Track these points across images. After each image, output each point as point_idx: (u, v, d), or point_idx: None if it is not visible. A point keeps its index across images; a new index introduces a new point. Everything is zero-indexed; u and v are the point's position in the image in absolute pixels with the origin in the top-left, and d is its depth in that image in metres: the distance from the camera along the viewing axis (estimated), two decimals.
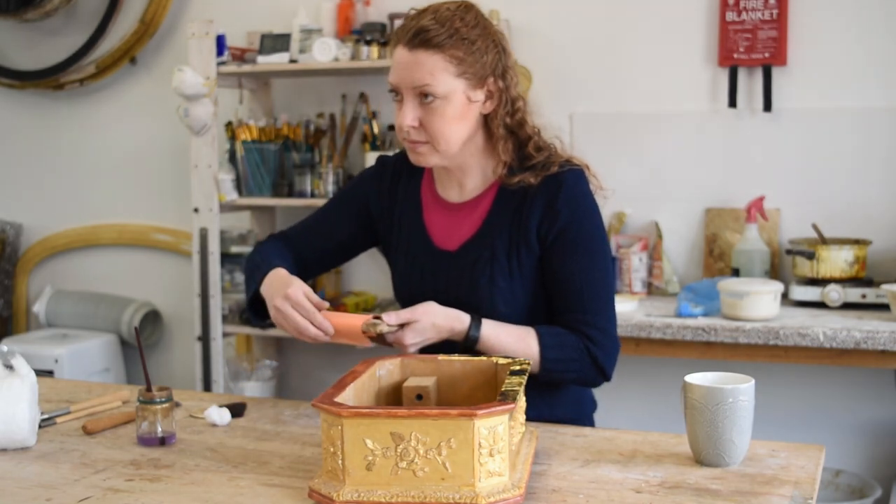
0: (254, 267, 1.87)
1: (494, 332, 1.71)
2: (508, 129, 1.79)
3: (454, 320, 1.70)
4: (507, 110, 1.77)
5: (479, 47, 1.71)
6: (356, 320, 1.68)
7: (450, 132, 1.72)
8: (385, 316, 1.65)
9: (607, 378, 1.79)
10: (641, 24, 3.32)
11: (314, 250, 1.97)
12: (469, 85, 1.72)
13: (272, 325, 1.82)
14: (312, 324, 1.68)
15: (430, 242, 1.85)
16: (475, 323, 1.70)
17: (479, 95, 1.74)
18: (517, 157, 1.80)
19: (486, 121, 1.79)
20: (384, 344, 1.70)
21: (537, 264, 1.79)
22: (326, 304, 1.71)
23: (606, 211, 3.34)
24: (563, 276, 1.77)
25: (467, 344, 1.71)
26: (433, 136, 1.73)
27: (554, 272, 1.78)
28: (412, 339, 1.66)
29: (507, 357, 1.57)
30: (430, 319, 1.67)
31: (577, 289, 1.76)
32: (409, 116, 1.72)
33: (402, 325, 1.66)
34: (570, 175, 1.77)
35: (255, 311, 1.87)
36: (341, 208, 1.97)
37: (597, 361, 1.76)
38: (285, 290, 1.69)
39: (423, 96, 1.70)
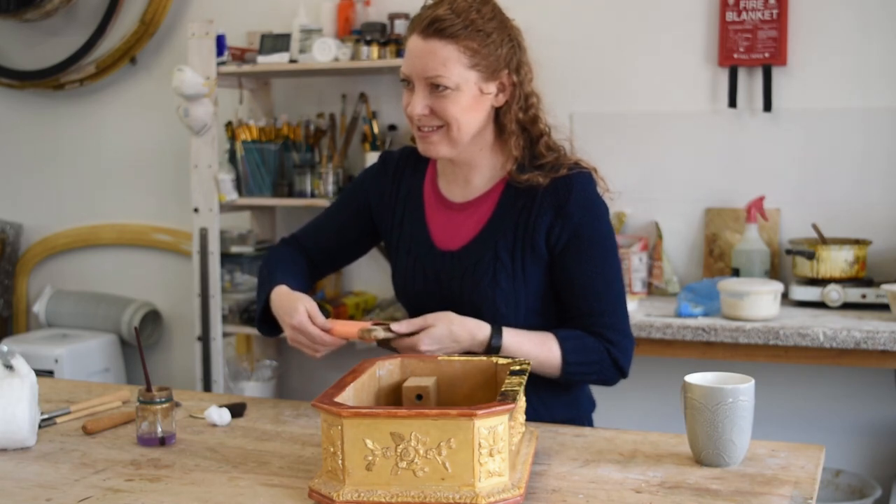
0: (260, 283, 1.90)
1: (516, 340, 1.71)
2: (521, 124, 1.78)
3: (474, 329, 1.69)
4: (520, 105, 1.77)
5: (494, 40, 1.72)
6: (354, 328, 1.68)
7: (462, 118, 1.72)
8: (395, 325, 1.65)
9: (625, 376, 1.81)
10: (641, 24, 3.32)
11: (323, 251, 1.98)
12: (481, 77, 1.71)
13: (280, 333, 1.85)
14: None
15: (432, 242, 1.84)
16: (496, 332, 1.70)
17: (492, 88, 1.74)
18: (527, 154, 1.80)
19: (498, 115, 1.78)
20: (392, 350, 1.69)
21: (544, 268, 1.78)
22: (329, 325, 1.72)
23: None
24: (579, 281, 1.76)
25: (489, 352, 1.69)
26: (446, 121, 1.72)
27: (568, 276, 1.77)
28: (428, 345, 1.65)
29: (507, 358, 1.57)
30: (447, 326, 1.66)
31: (593, 292, 1.76)
32: (419, 105, 1.72)
33: (414, 333, 1.66)
34: (579, 178, 1.77)
35: (264, 324, 1.87)
36: (346, 207, 1.97)
37: (617, 363, 1.77)
38: (290, 318, 1.72)
39: (435, 86, 1.70)
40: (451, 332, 1.66)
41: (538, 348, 1.72)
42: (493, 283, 1.76)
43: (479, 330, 1.69)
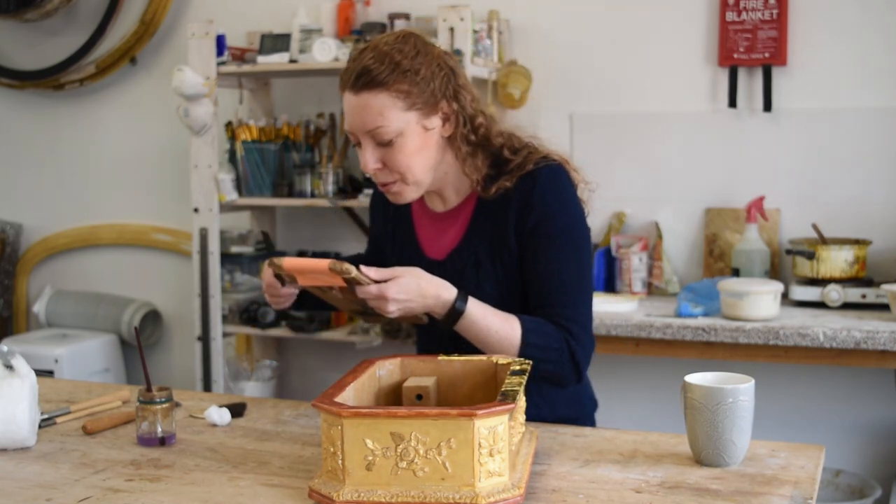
0: None
1: (480, 309, 1.67)
2: (474, 145, 1.77)
3: (441, 287, 1.65)
4: (467, 129, 1.75)
5: (424, 75, 1.68)
6: (323, 263, 1.61)
7: (414, 165, 1.71)
8: (365, 269, 1.60)
9: (580, 378, 1.76)
10: (641, 25, 3.32)
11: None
12: (421, 114, 1.70)
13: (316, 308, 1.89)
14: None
15: (421, 252, 1.86)
16: (462, 295, 1.66)
17: (435, 122, 1.72)
18: (494, 165, 1.79)
19: (451, 142, 1.76)
20: (358, 299, 1.63)
21: (520, 265, 1.78)
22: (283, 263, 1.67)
23: (606, 211, 3.35)
24: (539, 271, 1.74)
25: (453, 316, 1.66)
26: (400, 173, 1.72)
27: (529, 267, 1.75)
28: (395, 293, 1.60)
29: (502, 357, 1.57)
30: (416, 279, 1.62)
31: (554, 284, 1.73)
32: (370, 161, 1.71)
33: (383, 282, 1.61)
34: (545, 171, 1.75)
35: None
36: (371, 242, 2.04)
37: (575, 356, 1.72)
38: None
39: (379, 138, 1.69)
40: (419, 285, 1.62)
41: (500, 323, 1.68)
42: (479, 290, 1.76)
43: (445, 290, 1.65)
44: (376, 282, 1.61)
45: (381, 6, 3.53)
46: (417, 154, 1.71)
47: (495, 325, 1.68)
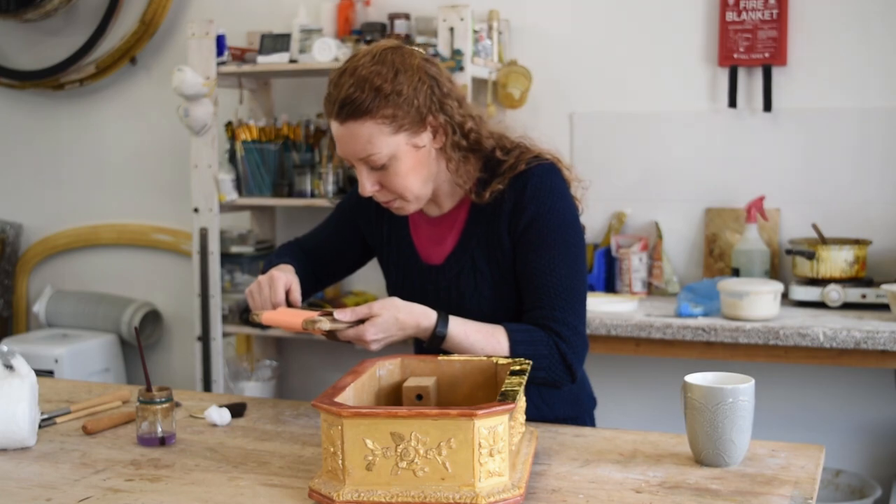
0: (266, 266, 1.91)
1: (463, 330, 1.67)
2: (465, 150, 1.76)
3: (420, 316, 1.65)
4: (457, 136, 1.74)
5: (407, 95, 1.66)
6: (298, 318, 1.64)
7: (411, 184, 1.71)
8: (338, 313, 1.62)
9: (573, 378, 1.75)
10: (641, 24, 3.32)
11: (322, 264, 1.98)
12: (410, 134, 1.68)
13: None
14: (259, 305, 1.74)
15: (418, 257, 1.85)
16: (442, 320, 1.66)
17: (425, 138, 1.71)
18: (486, 167, 1.79)
19: (443, 151, 1.76)
20: (340, 341, 1.66)
21: (514, 265, 1.78)
22: (282, 305, 1.72)
23: (606, 211, 3.35)
24: (530, 271, 1.73)
25: (434, 342, 1.67)
26: (398, 194, 1.72)
27: (522, 267, 1.75)
28: (373, 334, 1.61)
29: (502, 357, 1.57)
30: (392, 314, 1.62)
31: (544, 284, 1.72)
32: (367, 185, 1.71)
33: (361, 321, 1.63)
34: (536, 170, 1.75)
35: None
36: (339, 226, 1.99)
37: (565, 359, 1.71)
38: (265, 274, 1.76)
39: (372, 163, 1.69)
40: (397, 319, 1.63)
41: (485, 339, 1.68)
42: (477, 293, 1.76)
43: (424, 317, 1.65)
44: (354, 322, 1.62)
45: (381, 6, 3.53)
46: (413, 172, 1.70)
47: (480, 342, 1.68)
